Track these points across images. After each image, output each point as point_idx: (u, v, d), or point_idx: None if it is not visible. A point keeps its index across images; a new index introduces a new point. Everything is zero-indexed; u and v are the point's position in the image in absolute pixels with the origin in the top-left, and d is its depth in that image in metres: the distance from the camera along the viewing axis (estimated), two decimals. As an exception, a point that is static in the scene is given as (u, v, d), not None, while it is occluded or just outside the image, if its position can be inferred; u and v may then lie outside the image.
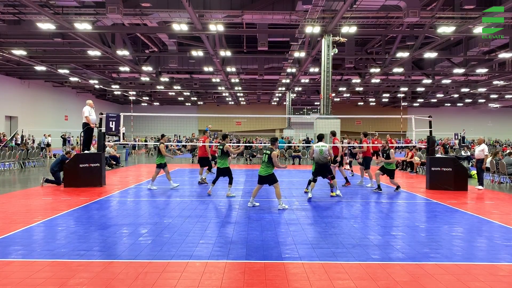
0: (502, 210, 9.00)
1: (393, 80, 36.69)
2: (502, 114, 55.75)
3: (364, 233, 6.79)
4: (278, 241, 6.19)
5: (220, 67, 28.80)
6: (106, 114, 12.60)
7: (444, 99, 48.29)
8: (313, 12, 17.44)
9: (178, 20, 18.99)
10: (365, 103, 53.04)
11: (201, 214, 8.17)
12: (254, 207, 8.96)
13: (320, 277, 4.72)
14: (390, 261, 5.31)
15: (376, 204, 9.95)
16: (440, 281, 4.65)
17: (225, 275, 4.76)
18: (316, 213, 8.46)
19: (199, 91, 44.23)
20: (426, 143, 13.07)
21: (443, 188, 11.81)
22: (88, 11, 18.28)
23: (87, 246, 5.83)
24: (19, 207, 8.70)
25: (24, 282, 4.49)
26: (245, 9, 18.18)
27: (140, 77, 35.10)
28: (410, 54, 23.62)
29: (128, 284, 4.46)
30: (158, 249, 5.73)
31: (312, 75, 33.27)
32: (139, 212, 8.52)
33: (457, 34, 20.00)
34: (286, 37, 23.14)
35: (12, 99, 33.37)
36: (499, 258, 5.54)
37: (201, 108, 58.51)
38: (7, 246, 5.79)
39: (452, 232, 6.97)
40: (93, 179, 11.83)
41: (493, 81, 34.32)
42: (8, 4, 17.17)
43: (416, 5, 15.87)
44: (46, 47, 24.74)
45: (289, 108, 44.74)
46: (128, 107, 49.20)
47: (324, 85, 21.52)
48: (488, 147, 16.54)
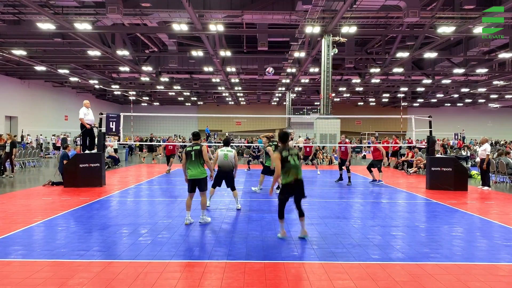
0: (502, 210, 9.00)
1: (393, 80, 36.69)
2: (502, 114, 55.72)
3: (364, 233, 6.79)
4: (278, 241, 6.18)
5: (220, 67, 28.80)
6: (106, 114, 12.60)
7: (444, 99, 48.28)
8: (313, 12, 17.45)
9: (178, 20, 18.99)
10: (365, 103, 53.03)
11: (201, 214, 8.15)
12: (253, 206, 8.96)
13: (320, 277, 4.72)
14: (390, 261, 5.31)
15: (376, 204, 9.94)
16: (440, 281, 4.65)
17: (225, 275, 4.76)
18: (316, 213, 8.45)
19: (199, 91, 44.23)
20: (426, 143, 13.08)
21: (443, 188, 11.81)
22: (88, 11, 18.29)
23: (87, 246, 5.82)
24: (19, 207, 8.70)
25: (24, 282, 4.49)
26: (245, 9, 18.19)
27: (140, 77, 35.10)
28: (410, 54, 23.63)
29: (128, 284, 4.46)
30: (158, 249, 5.73)
31: (312, 75, 33.27)
32: (139, 212, 8.52)
33: (457, 34, 20.01)
34: (286, 37, 23.14)
35: (12, 99, 33.35)
36: (499, 258, 5.54)
37: (201, 108, 58.49)
38: (7, 246, 5.79)
39: (452, 232, 6.97)
40: (93, 179, 11.82)
41: (493, 81, 34.31)
42: (8, 4, 17.17)
43: (416, 5, 15.88)
44: (46, 47, 24.74)
45: (289, 108, 44.74)
46: (128, 107, 49.19)
47: (324, 85, 21.53)
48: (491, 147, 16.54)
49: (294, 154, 6.20)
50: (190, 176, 7.09)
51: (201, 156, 7.10)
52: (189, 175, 7.10)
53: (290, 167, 6.08)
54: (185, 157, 7.17)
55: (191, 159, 7.10)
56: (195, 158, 7.08)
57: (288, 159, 6.08)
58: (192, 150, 7.13)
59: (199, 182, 7.12)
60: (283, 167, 6.08)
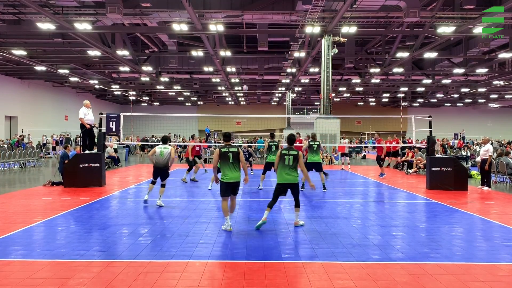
0: (502, 210, 9.00)
1: (393, 80, 36.68)
2: (502, 114, 55.70)
3: (364, 233, 6.79)
4: (278, 241, 6.19)
5: (220, 67, 28.80)
6: (106, 114, 12.59)
7: (444, 99, 48.26)
8: (313, 12, 17.44)
9: (178, 20, 18.98)
10: (365, 103, 53.02)
11: (201, 214, 8.17)
12: (253, 206, 8.96)
13: (320, 277, 4.72)
14: (390, 261, 5.31)
15: (376, 204, 9.95)
16: (440, 281, 4.65)
17: (225, 275, 4.76)
18: (316, 213, 8.45)
19: (199, 91, 44.22)
20: (426, 143, 13.08)
21: (443, 188, 11.81)
22: (88, 11, 18.28)
23: (87, 246, 5.83)
24: (19, 207, 8.70)
25: (24, 282, 4.49)
26: (245, 9, 18.18)
27: (140, 77, 35.09)
28: (410, 54, 23.62)
29: (128, 284, 4.46)
30: (158, 249, 5.73)
31: (312, 75, 33.26)
32: (139, 212, 8.52)
33: (457, 34, 20.00)
34: (286, 37, 23.12)
35: (12, 99, 33.34)
36: (499, 258, 5.54)
37: (201, 108, 58.48)
38: (7, 246, 5.79)
39: (452, 232, 6.97)
40: (93, 179, 11.82)
41: (493, 81, 34.30)
42: (8, 4, 17.16)
43: (416, 5, 15.87)
44: (46, 47, 24.73)
45: (289, 108, 44.70)
46: (128, 107, 49.16)
47: (324, 85, 21.51)
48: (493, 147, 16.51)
49: (292, 154, 6.94)
50: (228, 179, 6.67)
51: (239, 158, 6.78)
52: (227, 178, 6.67)
53: (283, 165, 6.94)
54: (219, 158, 6.76)
55: (227, 161, 6.68)
56: (233, 160, 6.70)
57: (285, 158, 6.94)
58: (228, 152, 6.69)
59: (236, 186, 6.81)
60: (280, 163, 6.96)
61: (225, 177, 6.70)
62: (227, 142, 6.98)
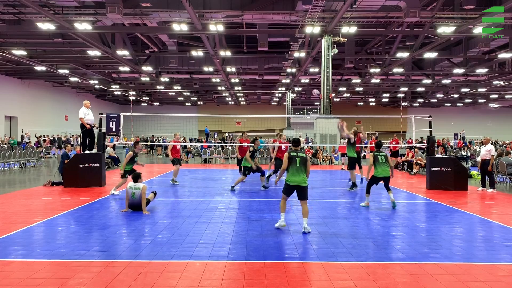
0: (502, 210, 9.00)
1: (393, 80, 36.68)
2: (502, 114, 55.71)
3: (364, 233, 6.80)
4: (278, 241, 6.19)
5: (220, 67, 28.80)
6: (106, 114, 12.59)
7: (444, 99, 48.27)
8: (313, 12, 17.44)
9: (178, 20, 18.99)
10: (365, 103, 53.01)
11: (201, 214, 8.17)
12: (253, 206, 8.95)
13: (320, 277, 4.72)
14: (390, 261, 5.32)
15: (376, 204, 9.94)
16: (440, 281, 4.65)
17: (225, 275, 4.76)
18: (316, 213, 8.45)
19: (199, 91, 44.23)
20: (426, 143, 13.08)
21: (443, 188, 11.81)
22: (88, 11, 18.28)
23: (87, 246, 5.83)
24: (19, 207, 8.70)
25: (24, 282, 4.49)
26: (245, 9, 18.18)
27: (140, 77, 35.09)
28: (410, 54, 23.62)
29: (128, 284, 4.46)
30: (158, 249, 5.73)
31: (312, 75, 33.27)
32: (139, 212, 8.51)
33: (457, 34, 20.00)
34: (286, 37, 23.13)
35: (12, 99, 33.35)
36: (499, 258, 5.54)
37: (201, 108, 58.48)
38: (7, 246, 5.79)
39: (452, 232, 6.97)
40: (93, 179, 11.83)
41: (493, 81, 34.31)
42: (8, 4, 17.17)
43: (416, 5, 15.87)
44: (46, 47, 24.74)
45: (289, 108, 44.71)
46: (128, 107, 49.17)
47: (324, 85, 21.52)
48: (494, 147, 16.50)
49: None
50: (292, 182, 6.83)
51: (307, 164, 6.93)
52: (291, 181, 6.83)
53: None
54: (288, 162, 6.92)
55: (295, 165, 6.85)
56: (300, 164, 6.85)
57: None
58: (297, 156, 6.88)
59: (302, 190, 6.87)
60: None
61: (289, 180, 6.93)
62: (296, 147, 7.14)
